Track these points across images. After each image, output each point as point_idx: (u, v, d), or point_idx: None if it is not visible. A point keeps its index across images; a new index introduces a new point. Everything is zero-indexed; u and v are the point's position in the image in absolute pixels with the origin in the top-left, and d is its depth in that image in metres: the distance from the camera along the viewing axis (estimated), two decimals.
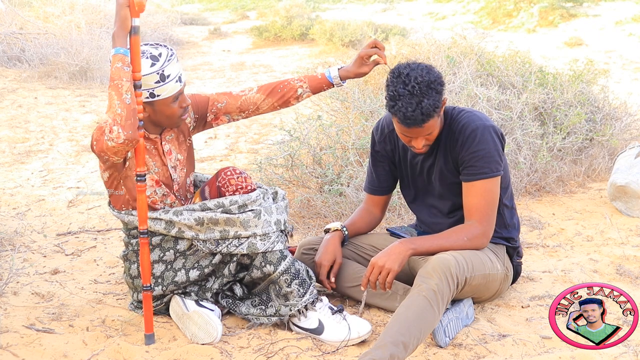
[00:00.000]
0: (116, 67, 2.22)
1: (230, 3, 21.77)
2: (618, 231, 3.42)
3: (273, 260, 2.43)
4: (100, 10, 10.32)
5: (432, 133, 2.38)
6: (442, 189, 2.54)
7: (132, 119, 2.21)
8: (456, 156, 2.43)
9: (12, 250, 3.22)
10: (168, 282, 2.48)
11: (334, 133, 3.90)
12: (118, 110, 2.20)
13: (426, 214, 2.64)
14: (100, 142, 2.31)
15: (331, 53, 10.73)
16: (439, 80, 2.31)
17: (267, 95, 2.62)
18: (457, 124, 2.43)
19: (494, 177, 2.39)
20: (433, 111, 2.29)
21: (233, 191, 2.53)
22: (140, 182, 2.32)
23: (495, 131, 2.41)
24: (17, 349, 2.31)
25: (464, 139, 2.39)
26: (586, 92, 4.39)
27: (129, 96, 2.22)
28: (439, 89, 2.30)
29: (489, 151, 2.38)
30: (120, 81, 2.21)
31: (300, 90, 2.61)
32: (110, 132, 2.20)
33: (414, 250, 2.37)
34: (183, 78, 2.45)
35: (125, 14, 2.23)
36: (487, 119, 2.44)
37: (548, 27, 13.29)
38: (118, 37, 2.24)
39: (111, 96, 2.22)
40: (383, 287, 2.33)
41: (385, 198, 2.76)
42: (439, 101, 2.31)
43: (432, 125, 2.35)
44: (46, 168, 5.04)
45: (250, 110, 2.65)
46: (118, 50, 2.23)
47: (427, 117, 2.29)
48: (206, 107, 2.64)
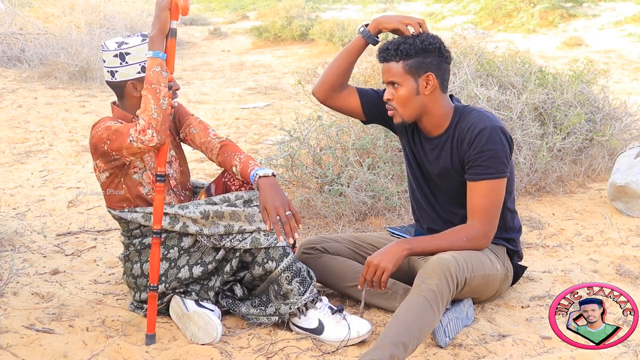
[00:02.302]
0: (154, 71, 2.24)
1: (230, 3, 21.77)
2: (618, 231, 3.42)
3: (275, 257, 2.43)
4: (100, 10, 10.32)
5: (399, 89, 2.38)
6: (443, 186, 2.53)
7: (165, 124, 2.26)
8: (463, 155, 2.42)
9: (12, 250, 3.22)
10: (171, 279, 2.48)
11: (334, 133, 3.90)
12: (154, 115, 2.24)
13: (424, 213, 2.63)
14: (115, 141, 2.32)
15: (331, 53, 10.73)
16: (428, 43, 2.36)
17: (219, 154, 2.59)
18: (466, 122, 2.42)
19: (499, 178, 2.38)
20: (396, 52, 2.35)
21: (239, 187, 2.57)
22: (160, 182, 2.33)
23: (504, 133, 2.40)
24: (17, 349, 2.31)
25: (471, 137, 2.38)
26: (586, 92, 4.39)
27: (166, 102, 2.26)
28: (421, 45, 2.35)
29: (497, 152, 2.36)
30: (158, 86, 2.24)
31: (234, 169, 2.54)
32: (143, 134, 2.23)
33: (410, 250, 2.37)
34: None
35: (166, 16, 2.24)
36: (497, 120, 2.43)
37: (548, 27, 13.29)
38: (157, 40, 2.26)
39: (147, 99, 2.24)
40: (379, 286, 2.33)
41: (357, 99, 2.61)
42: (410, 52, 2.34)
43: (395, 73, 2.37)
44: (46, 168, 5.04)
45: (204, 152, 2.66)
46: (157, 54, 2.25)
47: (389, 54, 2.37)
48: (182, 121, 2.67)
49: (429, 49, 2.36)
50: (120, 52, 2.43)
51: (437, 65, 2.38)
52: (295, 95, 7.60)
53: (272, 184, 2.38)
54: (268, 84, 8.78)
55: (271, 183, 2.38)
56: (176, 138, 2.70)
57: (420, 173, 2.59)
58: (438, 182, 2.54)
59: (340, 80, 2.61)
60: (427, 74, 2.37)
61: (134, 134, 2.25)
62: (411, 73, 2.37)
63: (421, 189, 2.62)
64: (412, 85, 2.38)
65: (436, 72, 2.38)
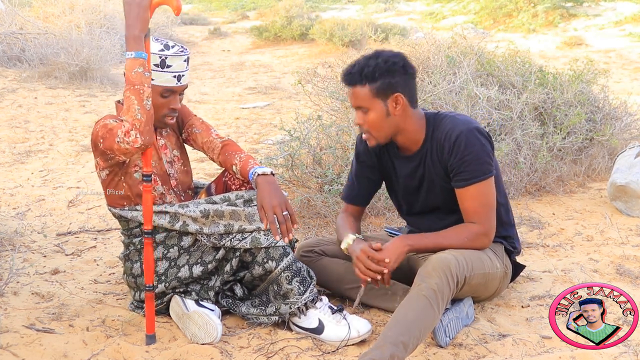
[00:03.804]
0: (137, 72, 2.22)
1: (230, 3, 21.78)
2: (618, 231, 3.42)
3: (275, 256, 2.43)
4: (100, 10, 10.33)
5: (369, 114, 2.34)
6: (434, 199, 2.51)
7: (150, 124, 2.24)
8: (445, 164, 2.40)
9: (12, 250, 3.22)
10: (171, 278, 2.48)
11: (334, 133, 3.90)
12: (138, 116, 2.22)
13: (422, 225, 2.62)
14: (108, 140, 2.32)
15: (331, 53, 10.73)
16: (391, 62, 2.30)
17: (220, 153, 2.60)
18: (440, 131, 2.40)
19: (486, 179, 2.37)
20: (360, 76, 2.29)
21: (239, 186, 2.57)
22: (147, 182, 2.32)
23: (481, 132, 2.38)
24: (17, 349, 2.31)
25: (450, 145, 2.36)
26: (586, 92, 4.39)
27: (150, 102, 2.24)
28: (384, 66, 2.29)
29: (478, 154, 2.34)
30: (142, 87, 2.22)
31: (234, 167, 2.55)
32: (127, 136, 2.22)
33: (411, 246, 2.36)
34: (183, 80, 2.46)
35: (146, 16, 2.21)
36: (470, 121, 2.41)
37: (548, 27, 13.30)
38: (138, 41, 2.22)
39: (130, 100, 2.22)
40: (382, 281, 2.33)
41: (363, 209, 2.73)
42: (375, 74, 2.29)
43: (363, 97, 2.32)
44: (46, 168, 5.04)
45: (205, 152, 2.67)
46: (139, 55, 2.22)
47: (354, 79, 2.30)
48: (185, 121, 2.67)
49: (394, 69, 2.30)
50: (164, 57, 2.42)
51: (404, 84, 2.34)
52: (295, 95, 7.61)
53: (271, 183, 2.38)
54: (268, 83, 8.78)
55: (270, 182, 2.38)
56: (179, 138, 2.70)
57: (412, 192, 2.57)
58: (426, 196, 2.52)
59: None
60: (395, 95, 2.33)
61: (121, 135, 2.24)
62: (379, 96, 2.32)
63: (413, 207, 2.61)
64: (382, 108, 2.34)
65: (403, 91, 2.34)
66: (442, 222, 2.51)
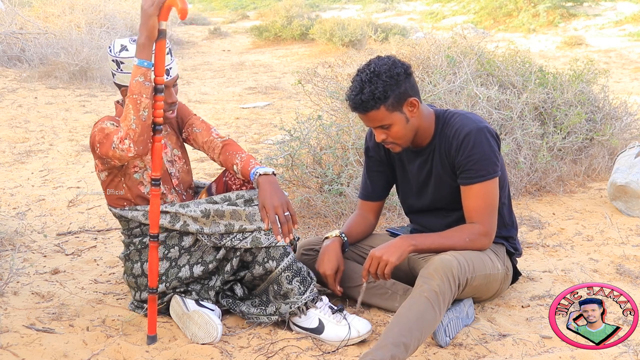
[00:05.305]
0: (137, 81, 2.20)
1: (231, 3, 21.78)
2: (618, 231, 3.42)
3: (276, 256, 2.43)
4: (100, 10, 10.33)
5: (391, 128, 2.36)
6: (440, 196, 2.52)
7: (145, 135, 2.23)
8: (452, 161, 2.42)
9: (12, 250, 3.22)
10: (172, 278, 2.48)
11: (334, 133, 3.90)
12: (132, 126, 2.21)
13: (424, 222, 2.63)
14: (104, 146, 2.31)
15: (331, 53, 10.74)
16: (394, 73, 2.29)
17: (221, 152, 2.59)
18: (450, 128, 2.42)
19: (492, 178, 2.38)
20: (373, 100, 2.28)
21: (240, 186, 2.58)
22: (155, 187, 2.32)
23: (490, 132, 2.40)
24: (17, 348, 2.31)
25: (458, 143, 2.38)
26: (586, 92, 4.39)
27: (146, 113, 2.22)
28: (390, 81, 2.28)
29: (485, 153, 2.36)
30: (139, 97, 2.20)
31: (235, 167, 2.54)
32: (121, 144, 2.22)
33: (415, 246, 2.37)
34: (172, 72, 2.45)
35: (153, 23, 2.16)
36: (480, 120, 2.43)
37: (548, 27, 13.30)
38: (144, 48, 2.18)
39: (128, 109, 2.21)
40: (383, 277, 2.33)
41: (380, 204, 2.74)
42: (387, 92, 2.28)
43: (382, 117, 2.32)
44: (46, 168, 5.04)
45: (205, 151, 2.66)
46: (142, 63, 2.19)
47: (368, 105, 2.29)
48: (185, 120, 2.67)
49: (399, 79, 2.30)
50: (116, 59, 2.40)
51: (411, 86, 2.35)
52: (296, 94, 7.61)
53: (272, 183, 2.38)
54: (268, 83, 8.79)
55: (271, 182, 2.38)
56: (180, 137, 2.70)
57: (418, 189, 2.58)
58: (433, 192, 2.53)
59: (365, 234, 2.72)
60: (408, 101, 2.35)
61: (116, 141, 2.24)
62: (396, 109, 2.33)
63: (419, 203, 2.61)
64: (401, 118, 2.36)
65: (413, 92, 2.36)
66: (445, 219, 2.52)
